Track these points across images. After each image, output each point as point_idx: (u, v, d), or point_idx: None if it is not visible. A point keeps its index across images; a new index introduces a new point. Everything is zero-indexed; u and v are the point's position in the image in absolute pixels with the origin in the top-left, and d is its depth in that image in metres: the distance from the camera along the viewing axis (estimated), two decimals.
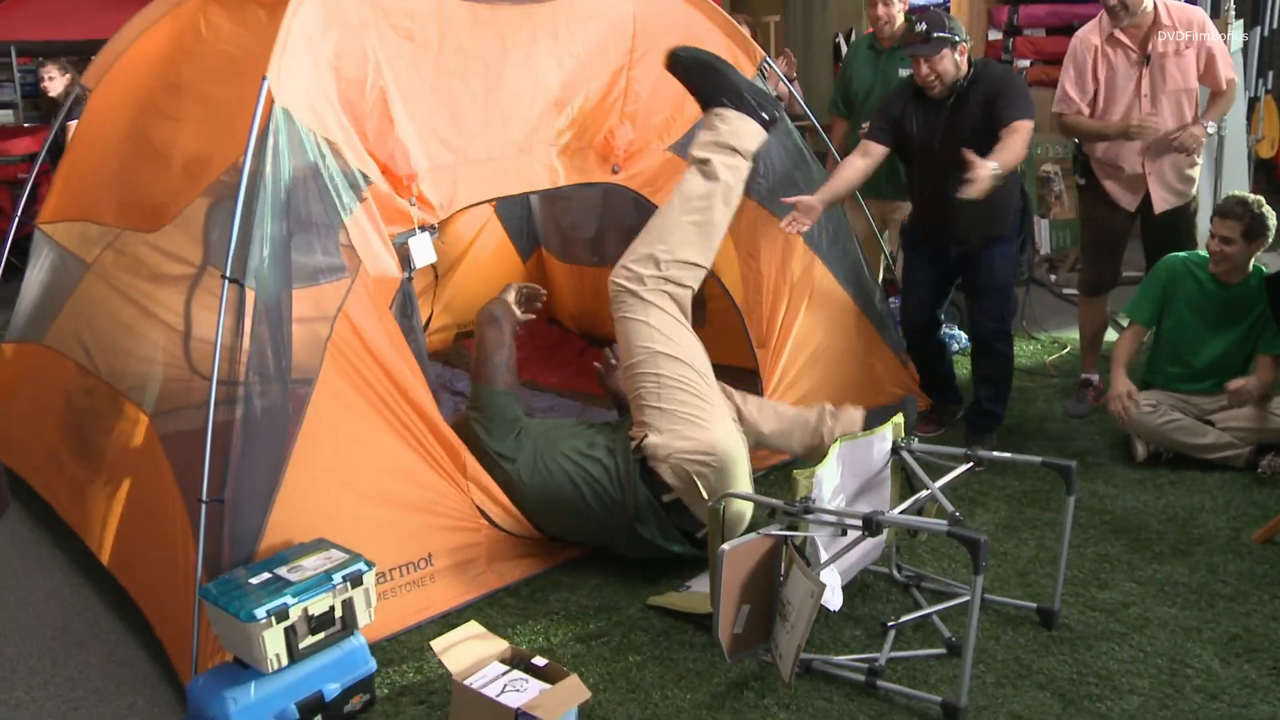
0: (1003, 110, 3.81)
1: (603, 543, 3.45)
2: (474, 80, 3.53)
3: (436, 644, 2.65)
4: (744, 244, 4.16)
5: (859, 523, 2.62)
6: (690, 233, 3.46)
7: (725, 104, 3.57)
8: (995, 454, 3.04)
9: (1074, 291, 5.73)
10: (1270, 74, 6.98)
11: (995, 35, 7.56)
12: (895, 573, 3.24)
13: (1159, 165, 4.35)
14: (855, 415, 3.59)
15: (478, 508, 3.29)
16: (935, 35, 3.85)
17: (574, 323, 5.69)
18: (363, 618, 2.75)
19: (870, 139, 4.11)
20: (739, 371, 4.07)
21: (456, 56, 3.50)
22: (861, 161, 4.08)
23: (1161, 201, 4.39)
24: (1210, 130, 4.30)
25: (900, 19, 4.97)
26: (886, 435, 3.08)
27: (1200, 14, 4.30)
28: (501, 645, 2.69)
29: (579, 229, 5.49)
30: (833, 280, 4.36)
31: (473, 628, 2.73)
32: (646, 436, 3.28)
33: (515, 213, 5.66)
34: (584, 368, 5.13)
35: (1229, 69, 4.32)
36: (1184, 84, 4.28)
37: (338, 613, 2.68)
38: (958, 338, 5.39)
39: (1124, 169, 4.40)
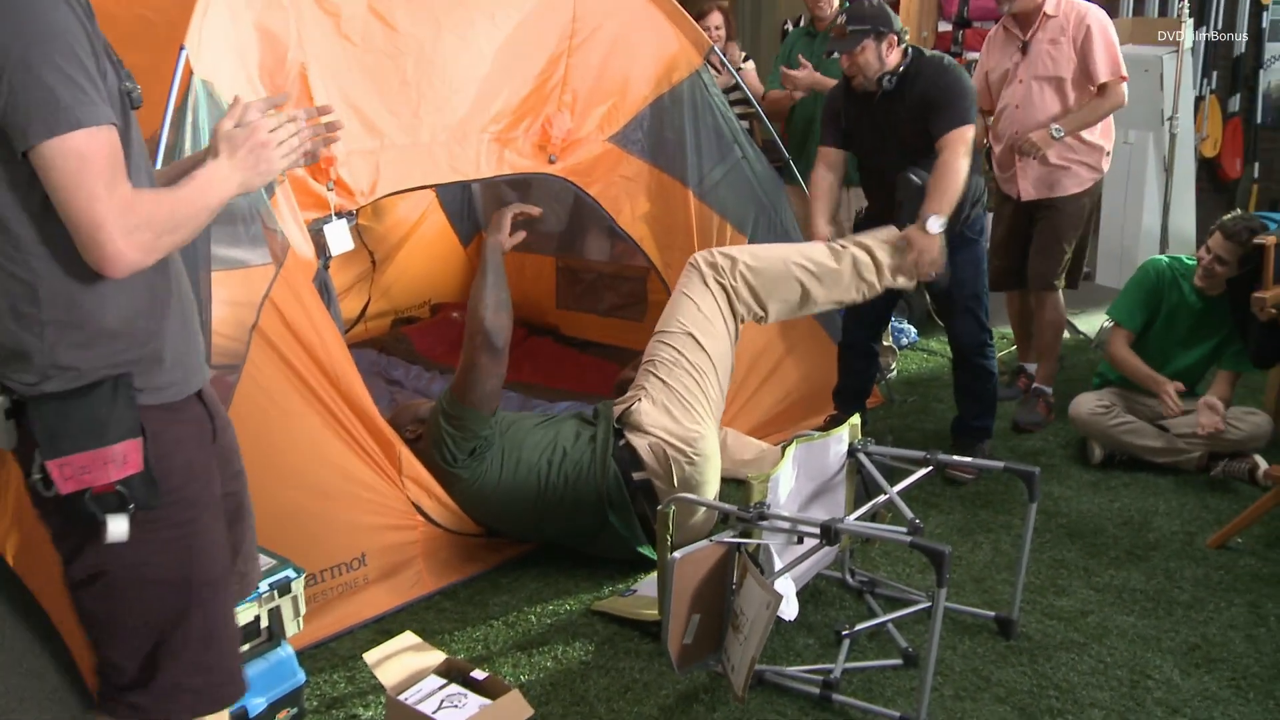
0: (935, 122, 3.59)
1: (561, 539, 3.31)
2: (405, 62, 3.33)
3: (369, 656, 2.50)
4: (680, 237, 4.02)
5: (816, 530, 2.50)
6: (782, 276, 3.40)
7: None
8: (956, 458, 2.95)
9: None
10: (1214, 74, 7.00)
11: (945, 27, 7.48)
12: (849, 578, 3.13)
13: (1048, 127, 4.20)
14: None
15: (414, 504, 3.13)
16: (851, 29, 3.65)
17: (516, 311, 5.49)
18: (290, 627, 2.58)
19: (823, 144, 3.97)
20: None
21: (386, 36, 3.30)
22: (828, 173, 3.93)
23: (1028, 190, 4.34)
24: (1057, 136, 4.10)
25: (837, 2, 4.80)
26: (843, 437, 2.97)
27: (1088, 13, 4.16)
28: (438, 657, 2.54)
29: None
30: None
31: (408, 638, 2.58)
32: (639, 401, 3.21)
33: (456, 196, 5.49)
34: (528, 355, 4.99)
35: (1108, 67, 4.11)
36: (1054, 71, 4.18)
37: (263, 623, 2.51)
38: (906, 332, 5.31)
39: (998, 151, 4.42)
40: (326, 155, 3.13)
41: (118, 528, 1.67)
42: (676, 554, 2.47)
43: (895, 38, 3.68)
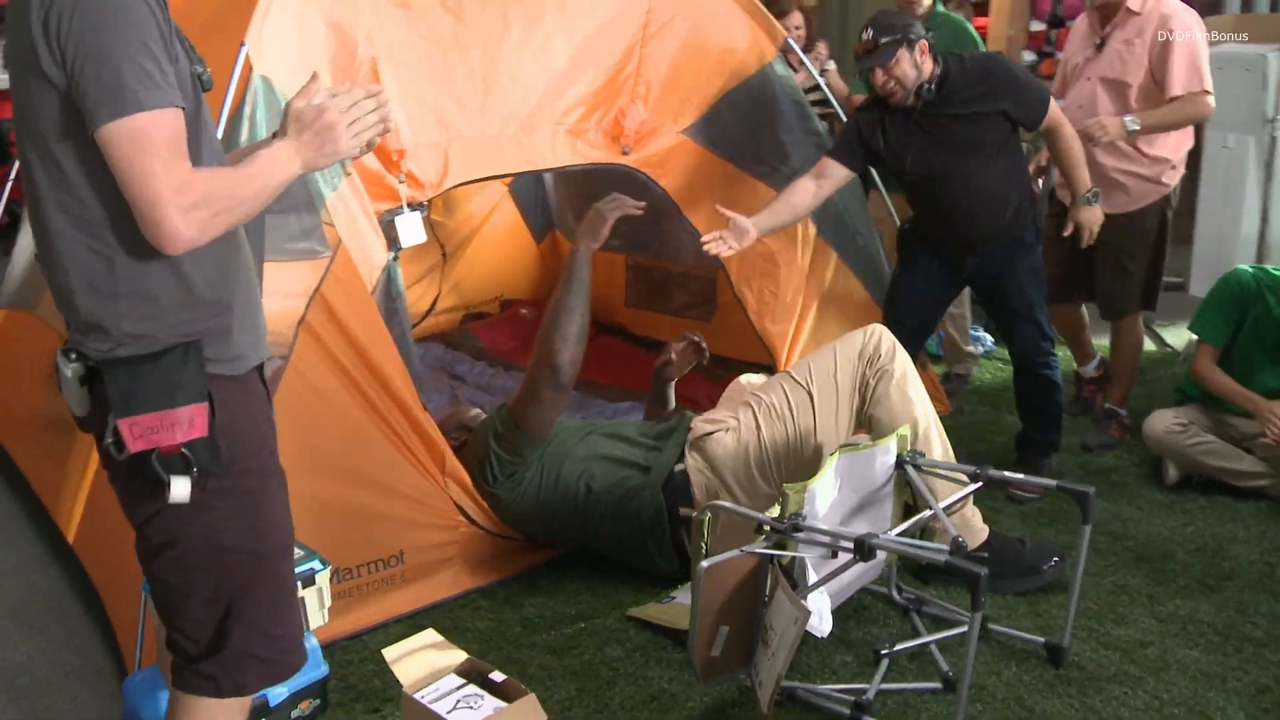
0: (1021, 111, 3.48)
1: (603, 551, 3.25)
2: (473, 54, 3.34)
3: (388, 652, 2.46)
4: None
5: (851, 544, 2.40)
6: (907, 414, 3.03)
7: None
8: (1006, 474, 2.83)
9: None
10: None
11: (1038, 26, 7.28)
12: (895, 594, 3.01)
13: (1090, 155, 3.84)
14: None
15: (456, 505, 3.11)
16: (883, 40, 3.42)
17: None
18: (315, 619, 2.57)
19: (830, 157, 3.66)
20: (750, 366, 3.85)
21: (455, 29, 3.30)
22: (813, 185, 3.61)
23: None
24: (1132, 127, 3.75)
25: (928, 3, 4.55)
26: (890, 448, 2.85)
27: (1176, 17, 3.77)
28: (459, 656, 2.50)
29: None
30: (851, 278, 4.15)
31: (429, 635, 2.54)
32: (725, 433, 3.09)
33: (529, 192, 5.48)
34: (592, 354, 4.91)
35: (1184, 79, 3.74)
36: (1120, 75, 3.85)
37: None
38: (983, 339, 5.13)
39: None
40: (399, 148, 3.17)
41: (180, 489, 1.73)
42: (705, 563, 2.40)
43: (926, 43, 3.48)
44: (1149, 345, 5.26)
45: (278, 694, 2.50)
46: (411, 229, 3.18)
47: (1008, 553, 3.10)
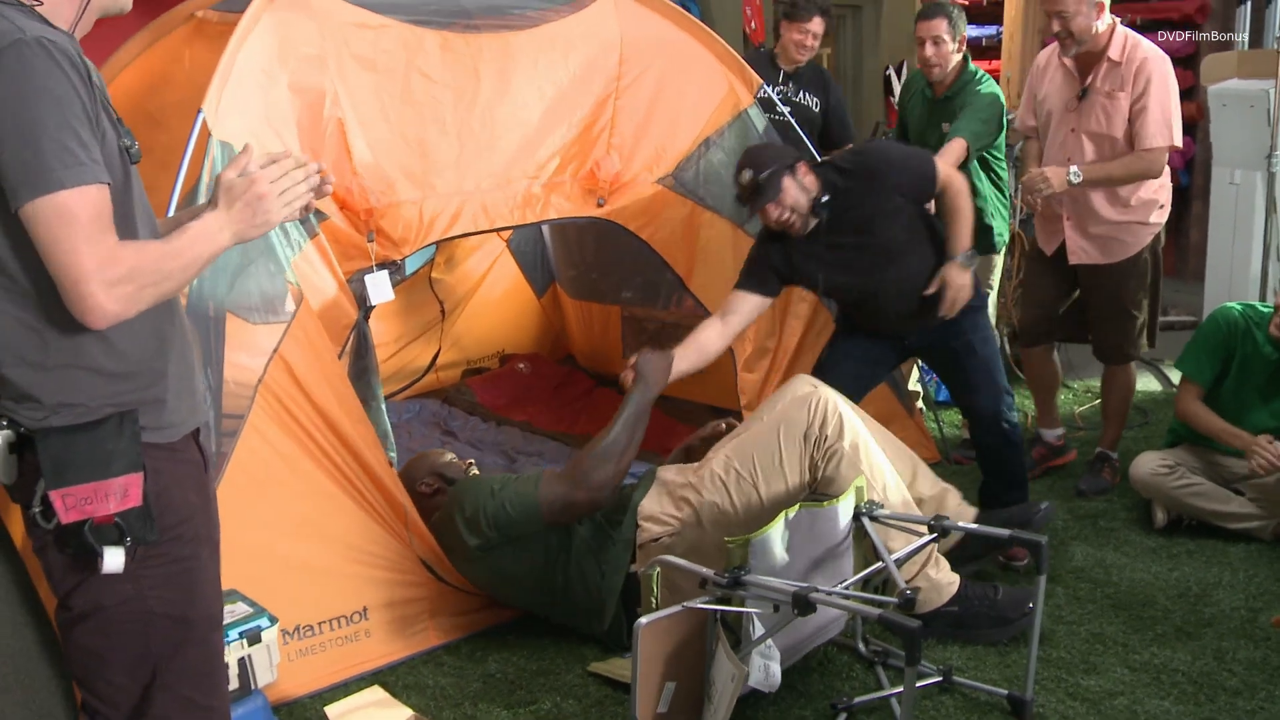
0: (916, 189, 3.39)
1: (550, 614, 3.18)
2: (444, 111, 3.39)
3: (331, 710, 2.48)
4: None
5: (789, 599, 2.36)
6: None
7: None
8: (961, 525, 2.78)
9: None
10: None
11: None
12: (861, 646, 2.96)
13: (1079, 210, 3.90)
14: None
15: (422, 562, 3.11)
16: (763, 176, 3.24)
17: (586, 361, 5.51)
18: (264, 676, 2.58)
19: (740, 289, 3.45)
20: (726, 412, 3.84)
21: (425, 87, 3.36)
22: (720, 324, 3.41)
23: (1078, 253, 3.95)
24: (1075, 180, 3.70)
25: (954, 60, 4.28)
26: (849, 503, 2.81)
27: (1152, 62, 3.73)
28: (403, 714, 2.50)
29: (590, 265, 5.32)
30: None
31: (375, 693, 2.56)
32: (666, 538, 2.96)
33: (529, 248, 5.52)
34: (587, 408, 4.95)
35: (1162, 132, 3.71)
36: (1106, 129, 3.79)
37: (233, 671, 2.51)
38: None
39: (1040, 207, 3.92)
40: (367, 207, 3.21)
41: (114, 560, 1.73)
42: (644, 620, 2.37)
43: (805, 163, 3.37)
44: (1156, 385, 5.19)
45: None
46: (380, 288, 3.22)
47: (979, 604, 3.04)
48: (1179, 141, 3.80)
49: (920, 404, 4.55)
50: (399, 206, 3.29)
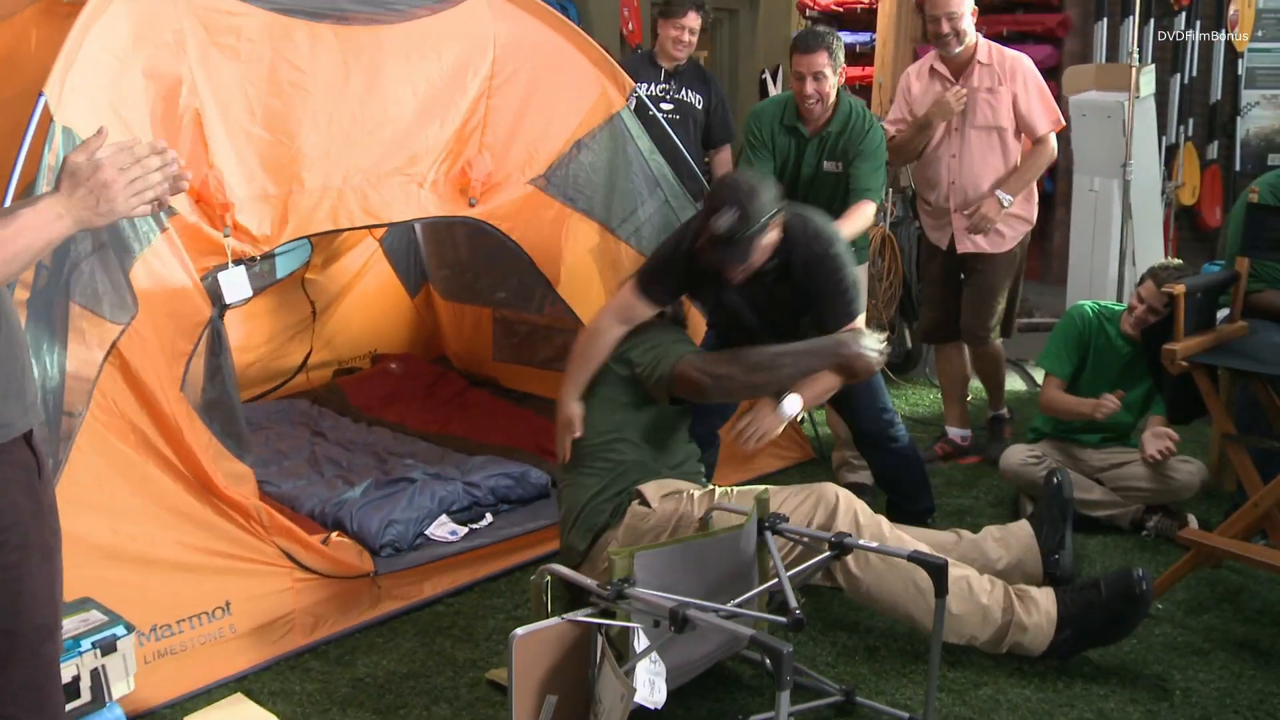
0: (823, 320, 3.22)
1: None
2: (313, 104, 3.28)
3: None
4: (611, 285, 3.94)
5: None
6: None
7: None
8: (861, 543, 2.74)
9: None
10: (1190, 121, 6.88)
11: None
12: (767, 662, 2.89)
13: (965, 204, 4.24)
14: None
15: (284, 552, 3.03)
16: (749, 233, 2.94)
17: (459, 361, 5.44)
18: (119, 688, 2.47)
19: (642, 295, 3.23)
20: None
21: (293, 78, 3.25)
22: (621, 331, 3.25)
23: (965, 243, 4.27)
24: (1006, 204, 4.11)
25: (833, 97, 3.93)
26: (753, 527, 2.75)
27: (1019, 62, 4.15)
28: None
29: (463, 265, 5.26)
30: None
31: (237, 700, 2.47)
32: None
33: (402, 246, 5.42)
34: (459, 409, 4.89)
35: (1048, 118, 4.15)
36: (994, 121, 4.15)
37: (84, 683, 2.40)
38: None
39: (930, 200, 4.33)
40: (224, 201, 3.10)
41: None
42: (519, 631, 2.33)
43: (782, 215, 3.10)
44: (1021, 385, 5.35)
45: None
46: (235, 285, 3.10)
47: (1090, 615, 2.85)
48: (1062, 120, 4.23)
49: None
50: (263, 200, 3.19)
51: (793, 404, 3.13)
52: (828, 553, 2.73)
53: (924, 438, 4.67)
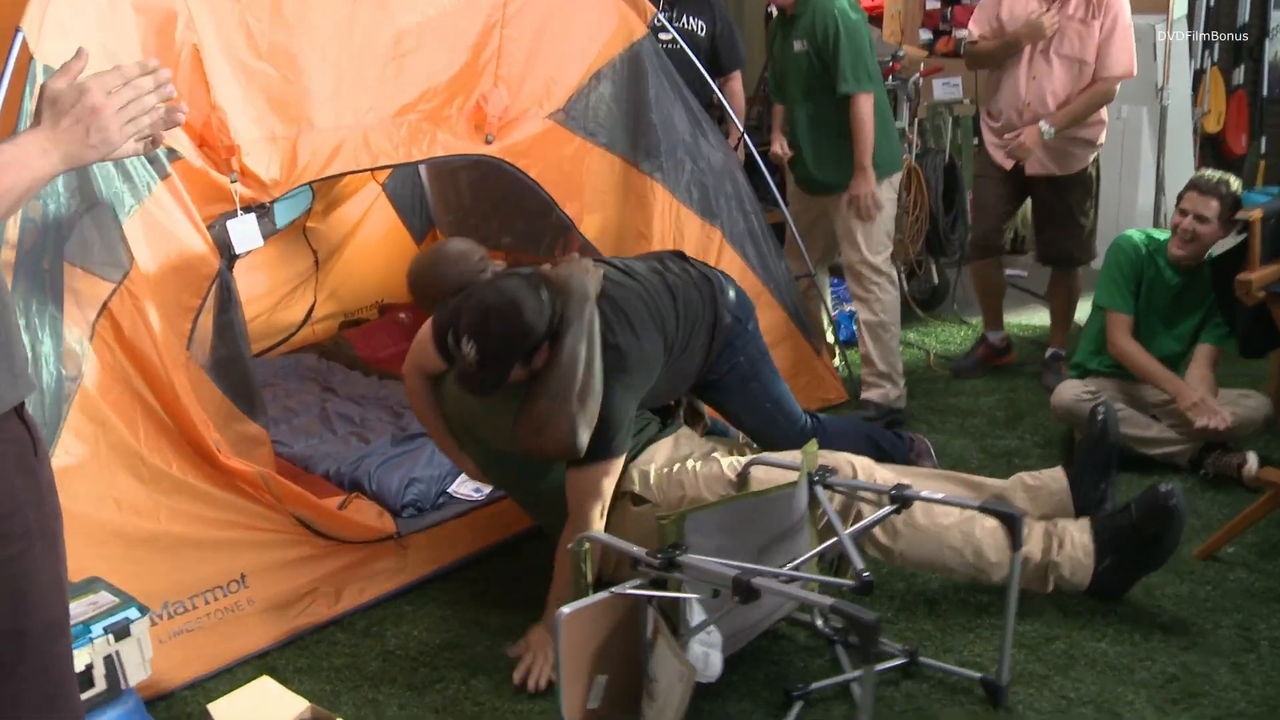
0: None
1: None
2: (321, 38, 3.05)
3: (216, 709, 2.22)
4: (636, 224, 3.73)
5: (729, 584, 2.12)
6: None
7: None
8: (925, 495, 2.57)
9: (1016, 273, 5.39)
10: (1216, 45, 6.63)
11: (933, 4, 7.16)
12: (819, 623, 2.73)
13: (1036, 124, 4.16)
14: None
15: (297, 519, 2.84)
16: (485, 374, 2.54)
17: None
18: (135, 674, 2.29)
19: (438, 352, 2.85)
20: None
21: (298, 10, 3.01)
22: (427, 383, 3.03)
23: (1034, 165, 4.22)
24: (1047, 136, 4.06)
25: None
26: (804, 485, 2.55)
27: (1116, 0, 4.05)
28: (298, 706, 2.25)
29: (468, 209, 5.02)
30: (745, 270, 3.93)
31: (264, 685, 2.29)
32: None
33: (406, 191, 5.19)
34: None
35: (1125, 64, 4.08)
36: (1079, 54, 4.07)
37: (98, 671, 2.22)
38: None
39: (998, 123, 4.28)
40: (229, 144, 2.87)
41: None
42: (565, 609, 2.15)
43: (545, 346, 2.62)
44: (1037, 320, 5.17)
45: None
46: (246, 234, 2.90)
47: (1128, 543, 2.72)
48: (1135, 71, 4.15)
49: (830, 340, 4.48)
50: (268, 142, 2.97)
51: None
52: (888, 507, 2.55)
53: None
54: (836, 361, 4.43)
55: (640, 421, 2.98)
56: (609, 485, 2.63)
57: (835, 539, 2.41)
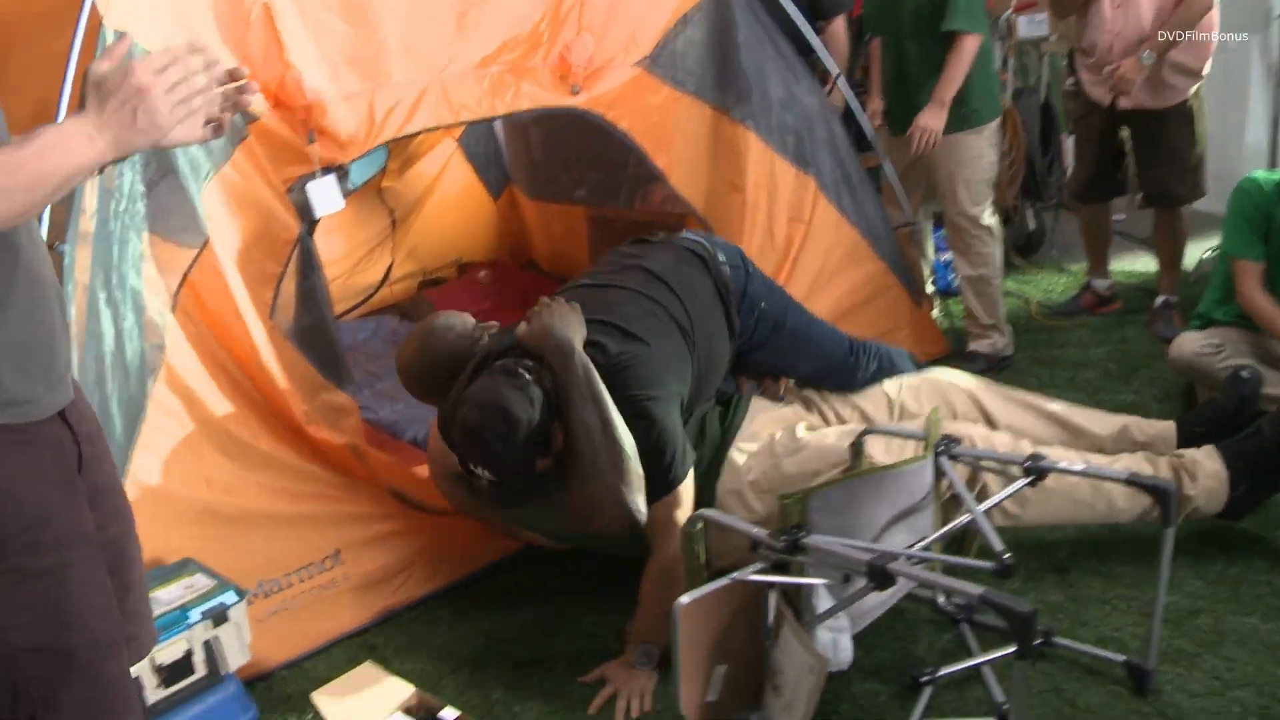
0: None
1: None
2: None
3: (319, 697, 2.14)
4: (728, 175, 3.56)
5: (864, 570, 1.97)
6: None
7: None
8: (1063, 466, 2.39)
9: (1115, 216, 5.11)
10: None
11: None
12: (942, 599, 2.57)
13: (1133, 54, 3.92)
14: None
15: (390, 491, 2.75)
16: (510, 487, 2.35)
17: (550, 265, 5.10)
18: (235, 659, 2.22)
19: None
20: None
21: None
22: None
23: (1130, 98, 3.98)
24: (1146, 63, 3.82)
25: None
26: (929, 459, 2.39)
27: None
28: (404, 691, 2.15)
29: (540, 163, 4.87)
30: (841, 221, 3.75)
31: (368, 671, 2.21)
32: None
33: (481, 148, 5.06)
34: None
35: None
36: None
37: (198, 657, 2.14)
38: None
39: (1091, 56, 4.05)
40: (305, 103, 2.75)
41: None
42: (684, 599, 2.00)
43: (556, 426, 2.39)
44: (1141, 267, 4.92)
45: None
46: (326, 196, 2.77)
47: (1263, 464, 2.64)
48: None
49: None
50: (345, 100, 2.83)
51: None
52: (1022, 481, 2.37)
53: (1061, 324, 4.34)
54: (935, 312, 4.24)
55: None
56: (682, 515, 2.44)
57: (967, 516, 2.25)
